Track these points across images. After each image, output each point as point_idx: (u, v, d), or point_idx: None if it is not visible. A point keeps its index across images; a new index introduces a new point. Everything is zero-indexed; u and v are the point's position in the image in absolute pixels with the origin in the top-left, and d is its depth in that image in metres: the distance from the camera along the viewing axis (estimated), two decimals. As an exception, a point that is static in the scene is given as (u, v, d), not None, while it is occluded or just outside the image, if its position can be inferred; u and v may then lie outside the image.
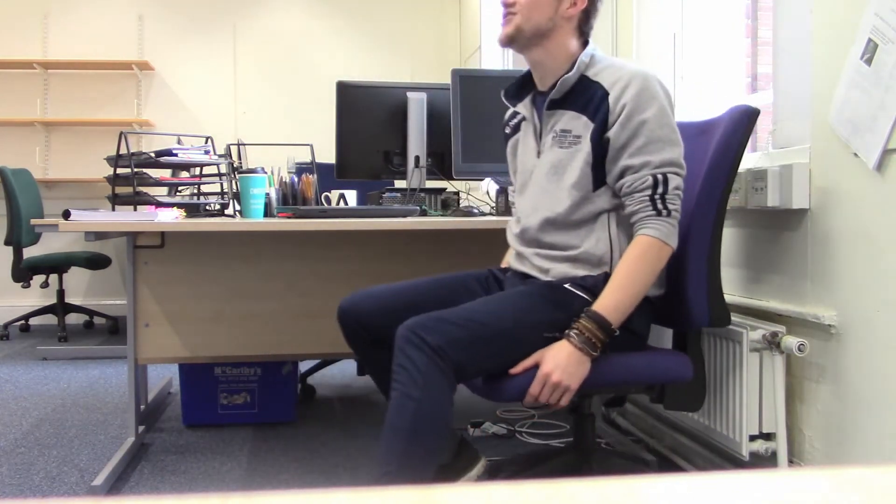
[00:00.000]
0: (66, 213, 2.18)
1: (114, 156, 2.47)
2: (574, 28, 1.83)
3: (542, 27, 1.80)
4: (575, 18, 1.82)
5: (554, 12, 1.80)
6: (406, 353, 1.58)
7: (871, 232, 1.65)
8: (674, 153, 1.71)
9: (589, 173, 1.76)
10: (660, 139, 1.70)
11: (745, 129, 1.78)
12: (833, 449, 1.79)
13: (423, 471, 1.59)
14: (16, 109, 5.49)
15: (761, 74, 2.60)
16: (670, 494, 0.36)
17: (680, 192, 1.71)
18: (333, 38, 5.80)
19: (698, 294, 1.80)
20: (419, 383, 1.56)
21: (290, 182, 2.60)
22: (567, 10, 1.80)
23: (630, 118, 1.71)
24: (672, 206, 1.69)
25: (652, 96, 1.71)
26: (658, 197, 1.69)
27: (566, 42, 1.83)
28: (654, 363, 1.82)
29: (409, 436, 1.57)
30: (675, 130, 1.73)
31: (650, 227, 1.68)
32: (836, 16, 1.75)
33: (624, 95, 1.72)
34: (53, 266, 4.88)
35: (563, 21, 1.81)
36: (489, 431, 2.74)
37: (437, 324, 1.62)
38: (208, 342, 2.60)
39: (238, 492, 1.40)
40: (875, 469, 0.39)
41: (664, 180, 1.69)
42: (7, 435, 2.76)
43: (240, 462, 2.48)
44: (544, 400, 1.64)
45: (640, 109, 1.70)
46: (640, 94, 1.71)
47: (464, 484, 1.62)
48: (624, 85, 1.73)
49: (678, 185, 1.71)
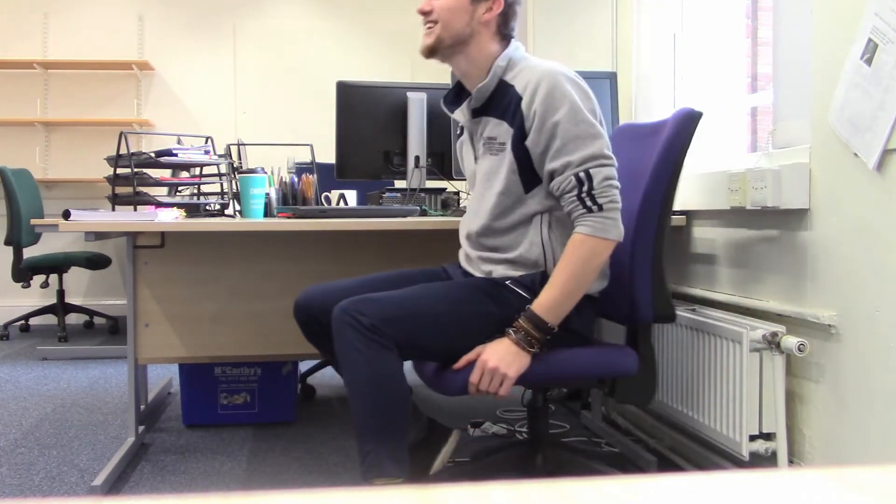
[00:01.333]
0: (66, 213, 2.18)
1: (114, 156, 2.47)
2: (493, 33, 1.85)
3: (461, 34, 1.82)
4: (493, 23, 1.84)
5: (470, 18, 1.82)
6: (344, 336, 1.65)
7: (871, 232, 1.65)
8: (593, 147, 1.71)
9: (516, 179, 1.79)
10: (576, 137, 1.72)
11: (688, 131, 1.82)
12: (833, 449, 1.79)
13: (400, 439, 1.67)
14: (16, 109, 5.49)
15: (761, 74, 2.60)
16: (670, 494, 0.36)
17: (611, 182, 1.71)
18: (333, 38, 5.80)
19: (643, 290, 1.85)
20: (365, 364, 1.64)
21: (290, 182, 2.60)
22: (483, 15, 1.82)
23: (543, 122, 1.73)
24: (602, 199, 1.70)
25: (562, 95, 1.72)
26: (585, 194, 1.71)
27: (486, 47, 1.85)
28: (599, 358, 1.87)
29: (374, 413, 1.65)
30: (592, 124, 1.73)
31: (582, 225, 1.71)
32: (836, 16, 1.75)
33: (535, 100, 1.74)
34: (53, 266, 4.88)
35: (481, 27, 1.83)
36: (489, 431, 2.74)
37: (370, 303, 1.67)
38: (208, 342, 2.60)
39: (238, 492, 1.40)
40: (875, 469, 0.39)
41: (587, 176, 1.71)
42: (7, 435, 2.76)
43: (240, 462, 2.48)
44: (484, 388, 1.69)
45: (552, 111, 1.72)
46: (549, 96, 1.72)
47: (443, 457, 1.66)
48: (534, 88, 1.74)
49: (606, 175, 1.71)
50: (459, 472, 2.13)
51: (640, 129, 1.99)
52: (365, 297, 1.71)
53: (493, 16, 1.83)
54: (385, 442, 1.65)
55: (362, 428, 1.66)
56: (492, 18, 1.83)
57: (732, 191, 2.01)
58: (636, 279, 1.84)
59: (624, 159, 1.97)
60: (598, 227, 1.70)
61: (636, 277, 1.84)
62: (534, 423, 2.03)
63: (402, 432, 1.69)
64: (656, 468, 2.38)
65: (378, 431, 1.65)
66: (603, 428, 2.74)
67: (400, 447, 1.67)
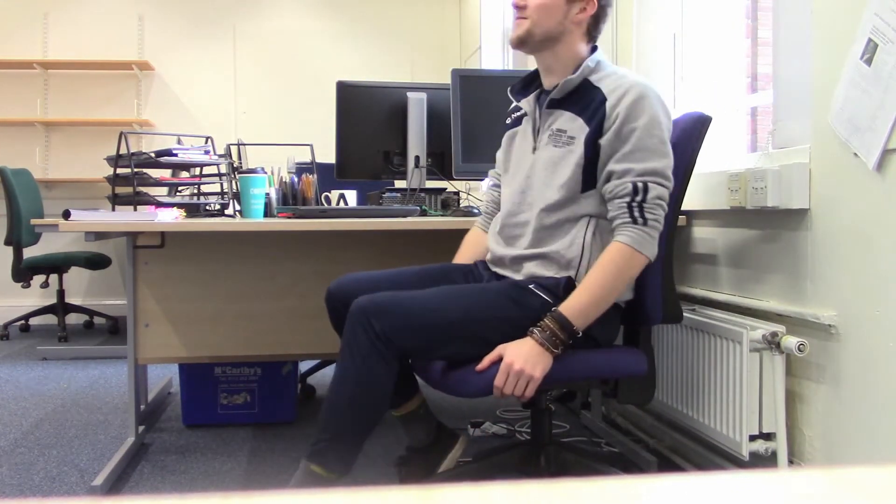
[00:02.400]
0: (66, 213, 2.18)
1: (114, 156, 2.47)
2: (583, 33, 1.87)
3: (552, 31, 1.84)
4: (584, 23, 1.86)
5: (564, 17, 1.83)
6: (354, 332, 1.67)
7: (871, 232, 1.65)
8: (659, 163, 1.72)
9: (579, 175, 1.79)
10: (646, 148, 1.72)
11: (698, 134, 1.83)
12: (833, 449, 1.79)
13: (356, 444, 1.72)
14: (16, 109, 5.49)
15: (761, 74, 2.60)
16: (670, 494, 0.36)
17: (661, 203, 1.72)
18: (333, 38, 5.80)
19: (654, 293, 1.85)
20: (360, 366, 1.67)
21: (290, 182, 2.60)
22: (577, 15, 1.84)
23: (623, 125, 1.74)
24: (650, 215, 1.70)
25: (647, 106, 1.74)
26: (636, 204, 1.70)
27: (574, 46, 1.87)
28: (610, 359, 1.86)
29: (347, 411, 1.69)
30: (665, 143, 1.74)
31: (623, 234, 1.71)
32: (836, 16, 1.75)
33: (621, 103, 1.75)
34: (53, 266, 4.88)
35: (573, 26, 1.85)
36: (489, 431, 2.74)
37: (387, 308, 1.68)
38: (208, 342, 2.60)
39: (238, 492, 1.39)
40: (875, 469, 0.39)
41: (644, 188, 1.70)
42: (7, 435, 2.76)
43: (240, 462, 2.48)
44: (509, 391, 1.68)
45: (633, 118, 1.73)
46: (635, 104, 1.74)
47: (450, 461, 1.67)
48: (622, 93, 1.76)
49: (660, 195, 1.71)
50: (461, 473, 2.13)
51: None
52: (382, 300, 1.71)
53: (586, 16, 1.85)
54: (342, 439, 1.70)
55: (329, 418, 1.71)
56: (585, 19, 1.85)
57: (732, 191, 2.01)
58: (647, 281, 1.83)
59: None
60: (638, 239, 1.69)
61: (647, 279, 1.83)
62: (537, 424, 2.02)
63: (361, 439, 1.73)
64: (656, 468, 2.38)
65: (341, 427, 1.70)
66: (603, 428, 2.74)
67: (351, 451, 1.72)
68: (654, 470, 2.37)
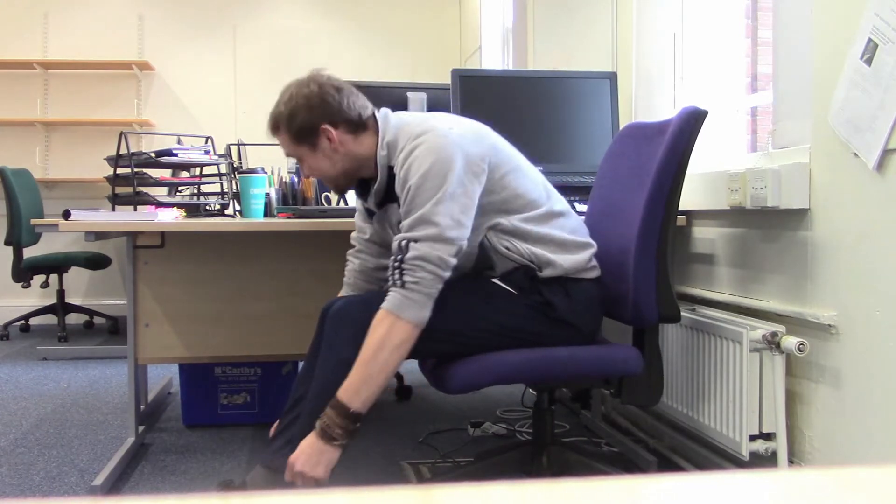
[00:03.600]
0: (66, 213, 2.18)
1: (114, 156, 2.47)
2: (355, 137, 1.81)
3: (337, 172, 1.84)
4: (348, 137, 1.80)
5: (328, 157, 1.81)
6: (337, 334, 1.69)
7: (871, 232, 1.65)
8: (423, 223, 1.64)
9: None
10: (416, 206, 1.67)
11: (693, 129, 1.80)
12: (833, 449, 1.79)
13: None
14: (16, 109, 5.49)
15: (761, 74, 2.60)
16: (670, 494, 0.36)
17: (422, 264, 1.62)
18: (333, 37, 5.80)
19: (647, 291, 1.83)
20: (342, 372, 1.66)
21: (290, 182, 2.60)
22: (330, 145, 1.80)
23: (403, 187, 1.71)
24: (409, 277, 1.63)
25: (420, 158, 1.68)
26: (397, 265, 1.65)
27: (362, 151, 1.82)
28: (604, 357, 1.86)
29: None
30: (432, 196, 1.64)
31: (386, 299, 1.66)
32: (836, 16, 1.75)
33: (401, 168, 1.72)
34: (53, 266, 4.88)
35: (342, 148, 1.81)
36: (489, 431, 2.74)
37: (361, 314, 1.68)
38: (208, 342, 2.60)
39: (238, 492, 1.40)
40: (875, 469, 0.39)
41: (405, 248, 1.65)
42: (7, 435, 2.76)
43: (240, 462, 2.48)
44: (301, 487, 1.64)
45: (408, 177, 1.70)
46: (407, 160, 1.71)
47: None
48: (403, 160, 1.72)
49: (421, 256, 1.63)
50: (463, 473, 2.13)
51: (646, 129, 1.98)
52: (360, 300, 1.74)
53: (337, 136, 1.79)
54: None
55: (302, 419, 1.72)
56: (339, 138, 1.80)
57: (732, 191, 2.01)
58: (640, 279, 1.83)
59: (630, 159, 1.98)
60: (397, 303, 1.63)
61: (640, 277, 1.83)
62: (539, 424, 2.02)
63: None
64: (656, 468, 2.38)
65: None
66: (603, 428, 2.74)
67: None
68: (654, 470, 2.37)
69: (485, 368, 1.75)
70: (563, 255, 1.82)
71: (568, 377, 1.92)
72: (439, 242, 1.64)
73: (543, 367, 1.75)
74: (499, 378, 1.81)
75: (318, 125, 1.79)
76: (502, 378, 1.82)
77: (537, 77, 2.76)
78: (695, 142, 1.82)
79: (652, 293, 1.84)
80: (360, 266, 2.06)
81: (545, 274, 1.80)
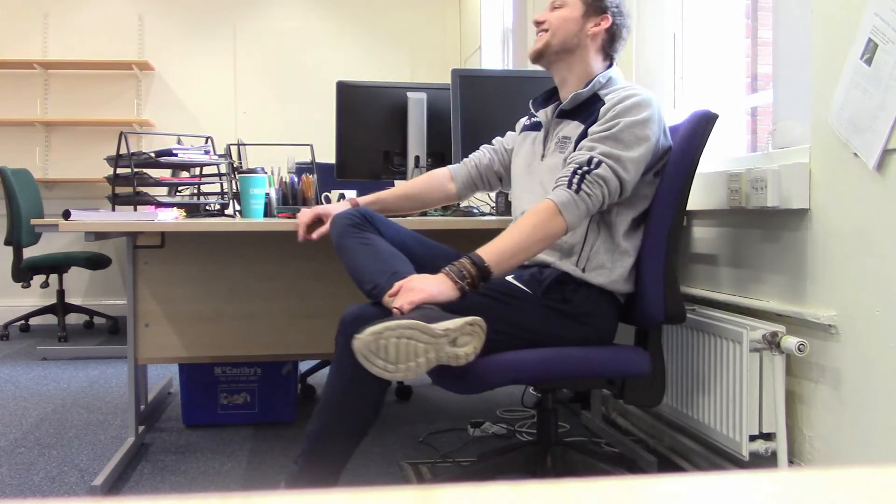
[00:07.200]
0: (66, 213, 2.18)
1: (114, 156, 2.47)
2: (598, 48, 1.97)
3: (567, 44, 1.95)
4: (599, 38, 1.96)
5: (580, 30, 1.94)
6: (344, 347, 1.68)
7: (871, 232, 1.65)
8: (623, 154, 1.76)
9: None
10: (619, 138, 1.78)
11: (703, 132, 1.84)
12: (833, 449, 1.79)
13: (335, 455, 1.75)
14: (16, 109, 5.49)
15: (761, 74, 2.60)
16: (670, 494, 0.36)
17: (602, 184, 1.74)
18: (333, 38, 5.80)
19: (654, 291, 1.85)
20: (347, 382, 1.71)
21: (290, 182, 2.60)
22: (592, 28, 1.94)
23: (610, 117, 1.81)
24: (586, 188, 1.74)
25: (636, 107, 1.80)
26: (580, 173, 1.75)
27: (588, 60, 1.97)
28: (612, 357, 1.87)
29: (329, 425, 1.74)
30: (638, 143, 1.78)
31: (554, 193, 1.75)
32: (836, 16, 1.75)
33: (616, 105, 1.82)
34: (53, 266, 4.88)
35: (588, 40, 1.95)
36: (489, 431, 2.74)
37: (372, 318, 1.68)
38: (208, 342, 2.60)
39: (238, 492, 1.40)
40: (875, 469, 0.39)
41: (596, 164, 1.75)
42: (7, 435, 2.76)
43: (240, 462, 2.48)
44: (398, 304, 1.63)
45: (622, 114, 1.80)
46: (629, 104, 1.81)
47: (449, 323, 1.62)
48: (621, 97, 1.83)
49: (605, 177, 1.74)
50: (465, 473, 2.13)
51: None
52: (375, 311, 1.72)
53: (600, 30, 1.95)
54: (320, 452, 1.74)
55: (313, 426, 1.76)
56: (599, 33, 1.95)
57: (732, 191, 2.01)
58: (647, 279, 1.84)
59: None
60: (565, 202, 1.72)
61: (647, 277, 1.84)
62: (542, 424, 2.01)
63: (341, 452, 1.76)
64: (656, 468, 2.38)
65: (320, 439, 1.74)
66: (603, 428, 2.74)
67: (331, 461, 1.75)
68: (654, 470, 2.37)
69: (501, 368, 1.74)
70: (615, 265, 1.86)
71: (574, 377, 1.90)
72: (623, 174, 1.76)
73: (558, 367, 1.74)
74: (515, 378, 1.81)
75: (608, 8, 1.95)
76: (518, 378, 1.82)
77: (537, 77, 2.75)
78: (705, 144, 1.84)
79: (660, 293, 1.85)
80: (454, 173, 2.21)
81: (587, 278, 1.84)
